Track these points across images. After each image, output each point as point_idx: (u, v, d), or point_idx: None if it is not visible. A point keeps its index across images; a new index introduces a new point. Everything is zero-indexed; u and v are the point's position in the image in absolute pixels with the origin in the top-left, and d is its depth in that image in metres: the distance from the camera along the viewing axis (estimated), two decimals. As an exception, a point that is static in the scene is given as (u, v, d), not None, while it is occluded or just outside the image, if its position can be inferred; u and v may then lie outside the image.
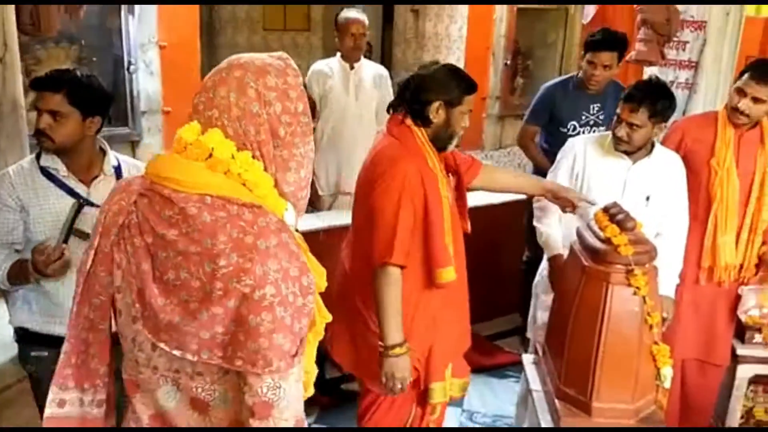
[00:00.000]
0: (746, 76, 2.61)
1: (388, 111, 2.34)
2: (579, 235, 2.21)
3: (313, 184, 3.80)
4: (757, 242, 2.73)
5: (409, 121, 2.23)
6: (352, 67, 3.72)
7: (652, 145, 2.58)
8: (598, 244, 2.07)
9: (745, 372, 2.81)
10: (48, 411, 1.33)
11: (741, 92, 2.62)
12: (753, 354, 2.79)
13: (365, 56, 3.92)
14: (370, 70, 3.79)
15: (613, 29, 3.62)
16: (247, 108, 1.23)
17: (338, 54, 3.74)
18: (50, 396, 1.33)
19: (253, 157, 1.25)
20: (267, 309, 1.16)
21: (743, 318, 2.73)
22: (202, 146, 1.21)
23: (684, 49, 4.13)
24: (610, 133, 2.60)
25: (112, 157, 2.19)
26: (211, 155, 1.21)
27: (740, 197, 2.70)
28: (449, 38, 6.40)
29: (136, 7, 3.75)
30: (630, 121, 2.46)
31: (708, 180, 2.71)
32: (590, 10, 6.57)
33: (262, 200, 1.24)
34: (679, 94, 4.20)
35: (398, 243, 2.12)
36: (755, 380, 2.84)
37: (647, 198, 2.57)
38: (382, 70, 3.86)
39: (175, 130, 1.26)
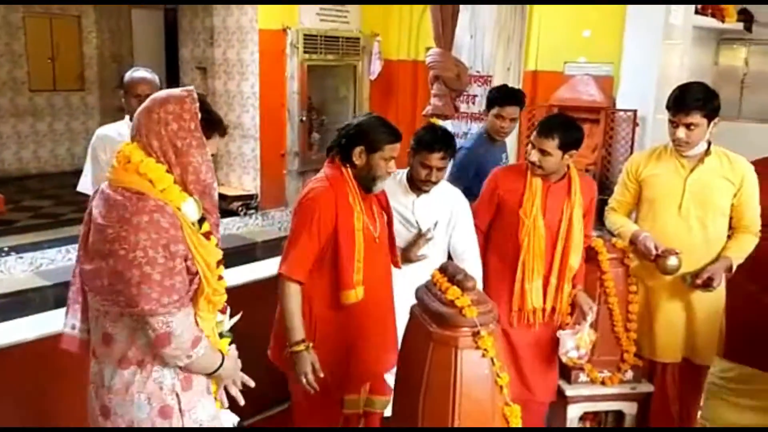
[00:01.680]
0: (535, 131, 2.77)
1: (328, 153, 2.61)
2: (419, 298, 2.10)
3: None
4: (566, 288, 2.85)
5: (338, 162, 2.53)
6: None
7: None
8: (442, 308, 1.97)
9: (574, 412, 2.90)
10: (65, 329, 1.94)
11: (533, 146, 2.77)
12: (580, 393, 2.89)
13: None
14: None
15: (395, 86, 3.70)
16: (152, 128, 1.77)
17: (126, 117, 3.37)
18: (66, 323, 1.94)
19: (158, 161, 1.76)
20: (136, 267, 1.67)
21: (564, 359, 2.82)
22: (123, 155, 1.79)
23: (474, 103, 4.38)
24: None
25: None
26: (129, 161, 1.76)
27: (547, 245, 2.80)
28: (242, 95, 6.22)
29: None
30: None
31: (517, 228, 2.81)
32: (376, 67, 6.81)
33: (164, 193, 1.74)
34: (474, 145, 4.43)
35: (292, 259, 2.45)
36: (583, 417, 2.95)
37: (435, 223, 2.82)
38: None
39: None
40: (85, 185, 3.38)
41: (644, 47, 5.13)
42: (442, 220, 2.83)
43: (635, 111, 5.19)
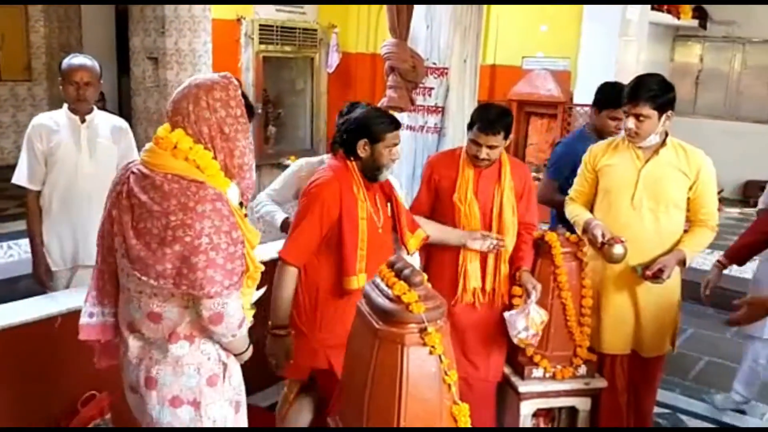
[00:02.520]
0: (475, 128, 2.80)
1: (331, 149, 2.80)
2: (366, 295, 2.02)
3: (44, 257, 3.22)
4: (503, 268, 2.91)
5: (341, 155, 2.67)
6: (83, 120, 3.20)
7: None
8: (388, 305, 1.89)
9: (527, 408, 2.86)
10: (82, 321, 2.01)
11: (476, 143, 2.81)
12: (533, 390, 2.85)
13: (100, 107, 3.43)
14: (105, 122, 3.29)
15: (354, 79, 3.63)
16: (201, 114, 1.85)
17: (65, 105, 3.21)
18: (83, 311, 2.02)
19: (205, 148, 1.85)
20: (203, 252, 1.77)
21: (516, 341, 2.81)
22: (169, 141, 1.84)
23: (430, 95, 4.29)
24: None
25: None
26: (175, 147, 1.83)
27: (483, 228, 2.89)
28: (194, 87, 6.03)
29: None
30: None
31: (453, 212, 2.89)
32: (334, 59, 6.71)
33: (210, 179, 1.83)
34: (430, 138, 4.36)
35: (292, 244, 2.57)
36: (536, 413, 2.91)
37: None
38: (121, 122, 3.38)
39: None
40: (20, 177, 3.20)
41: (601, 43, 5.15)
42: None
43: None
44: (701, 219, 2.91)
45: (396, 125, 2.65)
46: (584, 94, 5.26)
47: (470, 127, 2.85)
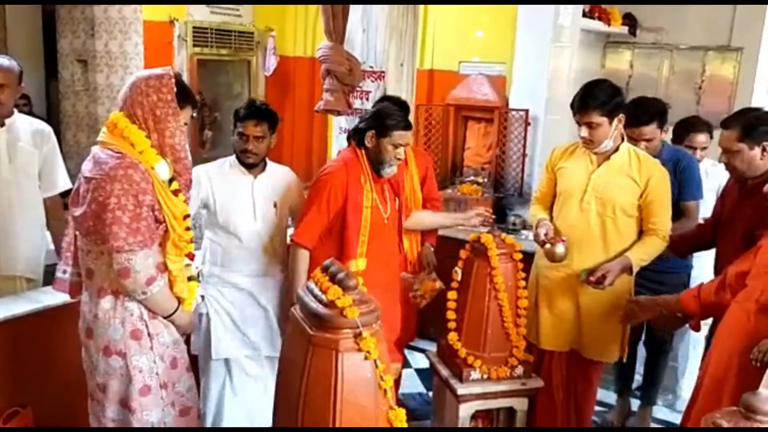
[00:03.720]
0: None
1: (348, 140, 2.99)
2: (299, 299, 1.98)
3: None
4: (415, 243, 3.41)
5: (354, 145, 2.91)
6: (2, 125, 3.05)
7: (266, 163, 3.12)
8: (321, 309, 1.86)
9: (466, 411, 2.86)
10: (57, 275, 2.41)
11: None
12: (471, 392, 2.85)
13: (27, 112, 3.27)
14: (27, 126, 3.15)
15: (292, 83, 3.78)
16: (135, 98, 2.17)
17: (-15, 109, 3.05)
18: (58, 269, 2.41)
19: (140, 128, 2.16)
20: (110, 211, 2.08)
21: (411, 300, 3.23)
22: (111, 122, 2.19)
23: (368, 99, 4.28)
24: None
25: None
26: (115, 126, 2.17)
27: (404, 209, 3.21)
28: (126, 90, 5.84)
29: None
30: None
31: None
32: (271, 62, 6.61)
33: (141, 154, 2.15)
34: (368, 142, 4.34)
35: (301, 228, 2.85)
36: (475, 415, 2.91)
37: (275, 204, 3.08)
38: (44, 126, 3.23)
39: None
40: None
41: (535, 48, 5.22)
42: (280, 200, 3.10)
43: (527, 110, 5.26)
44: (652, 228, 2.95)
45: (407, 126, 2.85)
46: (519, 98, 5.34)
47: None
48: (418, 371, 3.93)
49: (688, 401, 2.56)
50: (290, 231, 3.13)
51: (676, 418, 3.80)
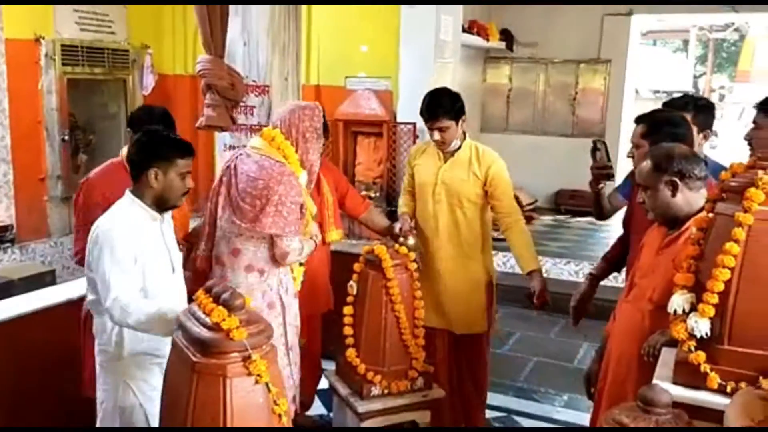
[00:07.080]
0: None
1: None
2: (182, 325, 1.83)
3: None
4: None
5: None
6: None
7: None
8: (205, 333, 1.72)
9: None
10: (198, 253, 2.86)
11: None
12: (372, 408, 2.78)
13: None
14: None
15: (173, 101, 3.59)
16: (292, 122, 2.78)
17: None
18: (200, 247, 2.86)
19: (291, 144, 2.75)
20: (274, 206, 2.64)
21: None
22: (269, 135, 2.77)
23: (252, 114, 4.14)
24: None
25: None
26: (273, 139, 2.75)
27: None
28: (-13, 113, 5.39)
29: None
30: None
31: None
32: (149, 81, 6.33)
33: (291, 164, 2.73)
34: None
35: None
36: (378, 432, 2.83)
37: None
38: None
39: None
40: None
41: (419, 63, 5.27)
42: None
43: (414, 124, 5.30)
44: (506, 213, 3.29)
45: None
46: (406, 112, 5.36)
47: None
48: (318, 392, 3.80)
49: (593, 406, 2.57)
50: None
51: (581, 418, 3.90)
